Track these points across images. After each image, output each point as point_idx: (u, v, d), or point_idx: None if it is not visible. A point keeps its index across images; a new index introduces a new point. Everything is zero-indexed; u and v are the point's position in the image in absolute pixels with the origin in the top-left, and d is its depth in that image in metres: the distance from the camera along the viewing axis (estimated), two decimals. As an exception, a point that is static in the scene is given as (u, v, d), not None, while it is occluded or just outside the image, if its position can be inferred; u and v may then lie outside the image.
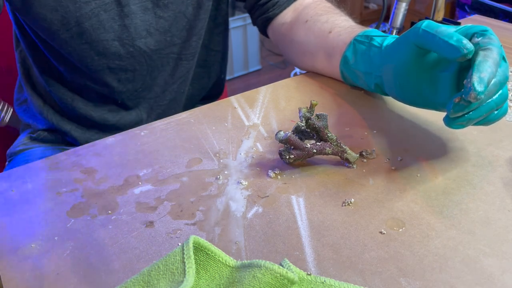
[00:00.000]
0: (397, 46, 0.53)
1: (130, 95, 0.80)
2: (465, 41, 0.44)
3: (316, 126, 0.51)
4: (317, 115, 0.52)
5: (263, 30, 0.83)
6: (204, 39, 0.83)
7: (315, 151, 0.50)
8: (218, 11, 0.84)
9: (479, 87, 0.42)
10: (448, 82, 0.49)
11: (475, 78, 0.42)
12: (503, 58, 0.46)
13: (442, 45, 0.45)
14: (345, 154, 0.51)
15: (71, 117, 0.83)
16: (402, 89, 0.53)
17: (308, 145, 0.50)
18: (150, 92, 0.81)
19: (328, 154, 0.51)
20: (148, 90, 0.81)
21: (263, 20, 0.81)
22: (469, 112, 0.45)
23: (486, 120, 0.47)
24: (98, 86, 0.77)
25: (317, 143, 0.51)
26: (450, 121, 0.46)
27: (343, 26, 0.68)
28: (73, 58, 0.73)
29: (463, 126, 0.47)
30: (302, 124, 0.52)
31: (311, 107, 0.53)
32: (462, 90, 0.44)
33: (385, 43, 0.57)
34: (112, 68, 0.75)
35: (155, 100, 0.82)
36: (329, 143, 0.51)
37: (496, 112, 0.47)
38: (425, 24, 0.48)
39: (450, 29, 0.46)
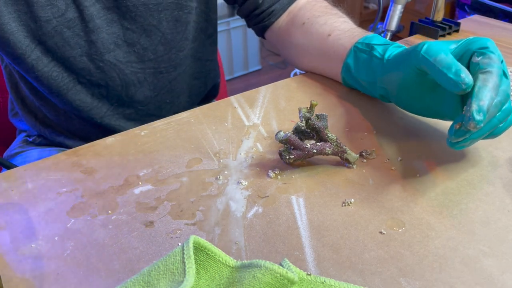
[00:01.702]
0: (399, 64, 0.53)
1: (107, 110, 0.77)
2: (464, 75, 0.43)
3: (316, 126, 0.51)
4: (317, 115, 0.52)
5: (260, 34, 0.83)
6: (196, 51, 0.82)
7: (315, 151, 0.50)
8: (208, 22, 0.82)
9: (478, 116, 0.42)
10: (452, 97, 0.50)
11: (474, 107, 0.42)
12: (504, 74, 0.46)
13: (441, 76, 0.45)
14: (345, 155, 0.51)
15: (63, 130, 0.81)
16: (407, 102, 0.55)
17: (308, 145, 0.50)
18: (129, 108, 0.79)
19: (328, 154, 0.51)
20: (126, 106, 0.78)
21: (259, 28, 0.80)
22: (471, 134, 0.45)
23: (491, 135, 0.48)
24: (74, 107, 0.75)
25: (317, 143, 0.51)
26: (453, 144, 0.47)
27: (343, 29, 0.68)
28: (44, 82, 0.71)
29: (466, 146, 0.47)
30: (302, 124, 0.52)
31: (311, 107, 0.53)
32: (463, 111, 0.43)
33: (386, 55, 0.57)
34: (83, 83, 0.73)
35: (137, 113, 0.80)
36: (329, 143, 0.51)
37: (501, 125, 0.47)
38: (424, 49, 0.48)
39: (449, 56, 0.46)
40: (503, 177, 0.49)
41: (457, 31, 0.93)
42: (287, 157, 0.51)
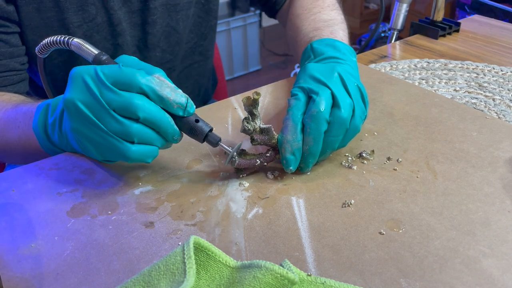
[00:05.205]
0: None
1: None
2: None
3: (261, 143, 0.50)
4: (261, 129, 0.50)
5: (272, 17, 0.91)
6: (198, 45, 0.86)
7: (265, 164, 0.51)
8: (209, 14, 0.85)
9: (288, 169, 0.49)
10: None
11: (283, 163, 0.49)
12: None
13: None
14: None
15: None
16: None
17: (258, 162, 0.50)
18: None
19: (278, 158, 0.51)
20: None
21: (269, 14, 0.88)
22: (305, 160, 0.50)
23: (345, 140, 0.50)
24: None
25: (266, 154, 0.51)
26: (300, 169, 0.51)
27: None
28: (64, 83, 0.73)
29: (309, 166, 0.50)
30: (249, 126, 0.50)
31: (254, 102, 0.49)
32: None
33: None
34: None
35: None
36: (277, 149, 0.51)
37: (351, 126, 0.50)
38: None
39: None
40: (503, 178, 0.49)
41: (457, 31, 0.93)
42: (240, 175, 0.51)
